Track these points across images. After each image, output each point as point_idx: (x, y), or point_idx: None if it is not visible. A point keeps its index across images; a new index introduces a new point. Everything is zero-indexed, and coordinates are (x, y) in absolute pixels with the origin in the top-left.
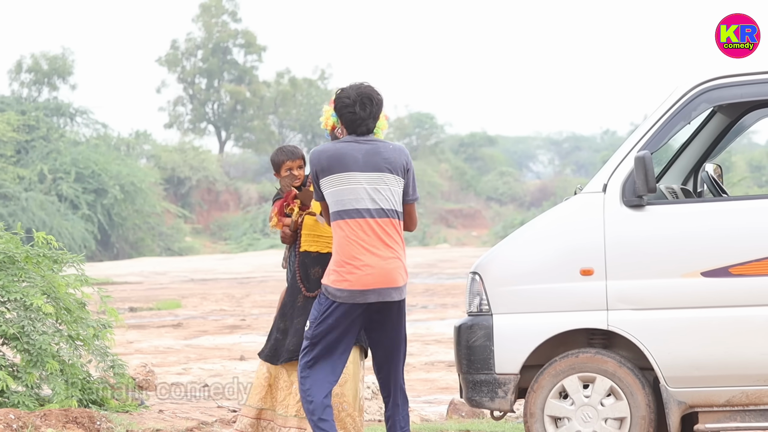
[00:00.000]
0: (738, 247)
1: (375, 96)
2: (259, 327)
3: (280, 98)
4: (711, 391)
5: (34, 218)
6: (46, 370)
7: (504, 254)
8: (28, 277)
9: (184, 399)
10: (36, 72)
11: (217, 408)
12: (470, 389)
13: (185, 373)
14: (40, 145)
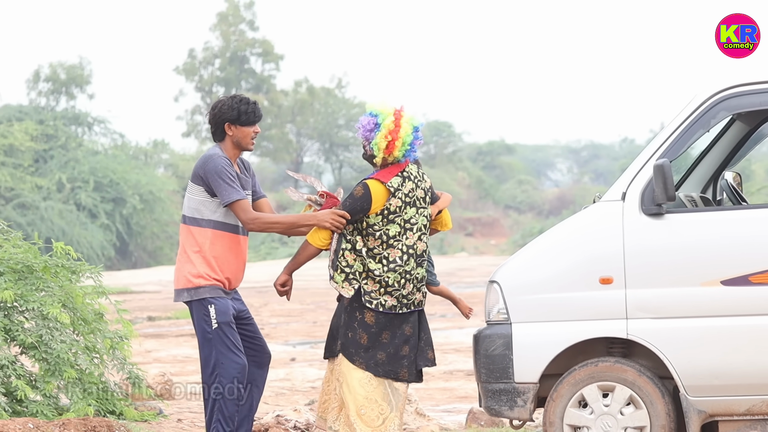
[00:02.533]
0: (758, 256)
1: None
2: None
3: (298, 107)
4: (731, 400)
5: (53, 227)
6: (63, 379)
7: (523, 263)
8: (47, 286)
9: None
10: (54, 81)
11: None
12: (489, 398)
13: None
14: (59, 154)
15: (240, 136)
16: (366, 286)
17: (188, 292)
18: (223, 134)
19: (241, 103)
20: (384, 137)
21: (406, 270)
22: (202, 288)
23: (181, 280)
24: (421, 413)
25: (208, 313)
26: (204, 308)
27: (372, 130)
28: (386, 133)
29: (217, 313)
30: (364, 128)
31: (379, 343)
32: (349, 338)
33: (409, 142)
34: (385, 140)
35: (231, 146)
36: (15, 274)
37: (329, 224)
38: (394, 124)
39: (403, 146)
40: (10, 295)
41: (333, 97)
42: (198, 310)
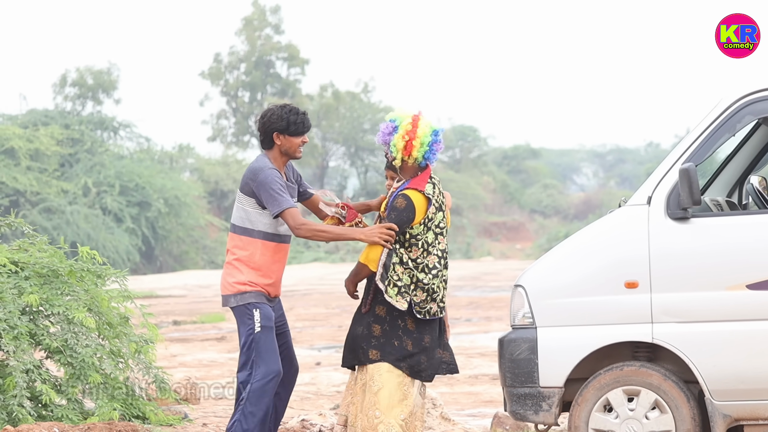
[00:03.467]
0: None
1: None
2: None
3: (323, 111)
4: (757, 405)
5: (79, 232)
6: (89, 383)
7: (548, 267)
8: (72, 291)
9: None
10: (81, 86)
11: None
12: (514, 402)
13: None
14: (84, 158)
15: (288, 145)
16: (416, 298)
17: (234, 297)
18: (271, 143)
19: (290, 114)
20: (401, 137)
21: (444, 274)
22: (248, 293)
23: (227, 287)
24: (446, 417)
25: (252, 317)
26: (249, 312)
27: (390, 133)
28: (403, 133)
29: (261, 317)
30: (383, 133)
31: (423, 348)
32: (396, 347)
33: (427, 143)
34: (402, 140)
35: (279, 155)
36: (41, 278)
37: (378, 239)
38: (411, 125)
39: (421, 147)
40: (35, 299)
41: (358, 102)
42: (242, 314)
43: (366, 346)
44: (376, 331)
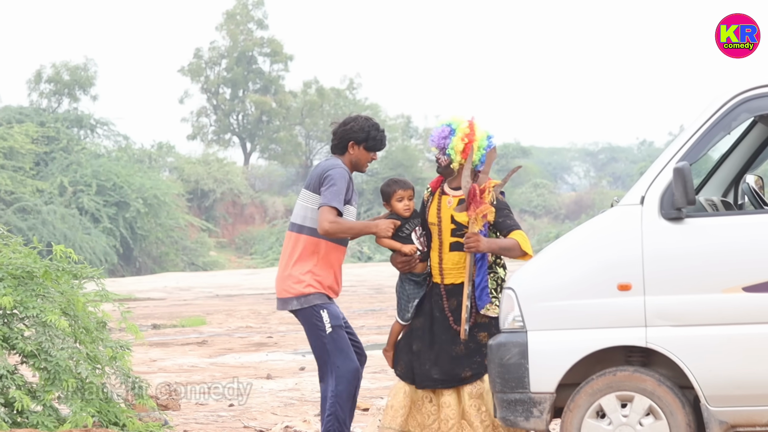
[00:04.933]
0: None
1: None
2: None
3: (307, 109)
4: (753, 411)
5: (55, 232)
6: (64, 389)
7: (539, 269)
8: (47, 292)
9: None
10: (57, 82)
11: (244, 428)
12: (504, 408)
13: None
14: (60, 157)
15: (360, 157)
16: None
17: (297, 300)
18: (344, 150)
19: (372, 128)
20: (461, 139)
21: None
22: (312, 295)
23: (288, 290)
24: None
25: (320, 319)
26: (316, 314)
27: (447, 136)
28: (462, 135)
29: (330, 317)
30: (438, 136)
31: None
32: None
33: (484, 146)
34: (462, 142)
35: (348, 163)
36: (15, 279)
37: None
38: (469, 128)
39: (479, 150)
40: (9, 302)
41: (343, 99)
42: (310, 316)
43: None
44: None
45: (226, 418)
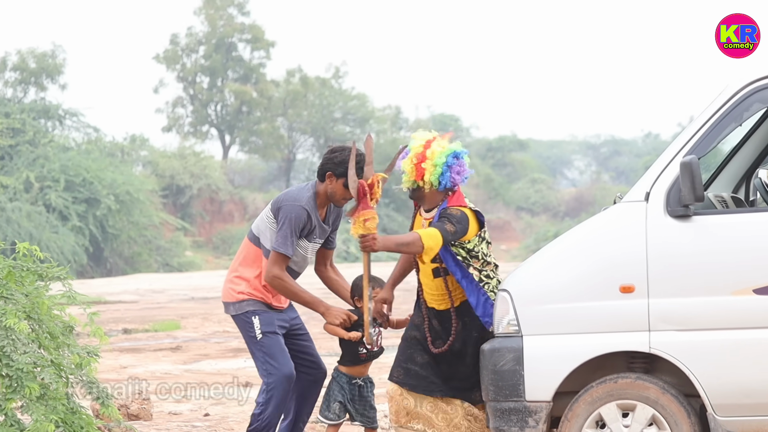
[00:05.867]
0: None
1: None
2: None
3: (290, 99)
4: (763, 420)
5: (20, 230)
6: (26, 396)
7: (536, 270)
8: (10, 294)
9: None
10: (22, 71)
11: None
12: (498, 418)
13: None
14: (26, 150)
15: (335, 191)
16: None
17: (233, 305)
18: (322, 178)
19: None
20: (410, 160)
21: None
22: (245, 302)
23: (227, 294)
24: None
25: (252, 325)
26: (248, 321)
27: (404, 157)
28: (413, 156)
29: (261, 323)
30: (400, 159)
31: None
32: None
33: (441, 164)
34: (411, 163)
35: (323, 194)
36: None
37: (337, 320)
38: (422, 147)
39: (434, 169)
40: None
41: (329, 89)
42: (242, 323)
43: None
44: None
45: (200, 428)
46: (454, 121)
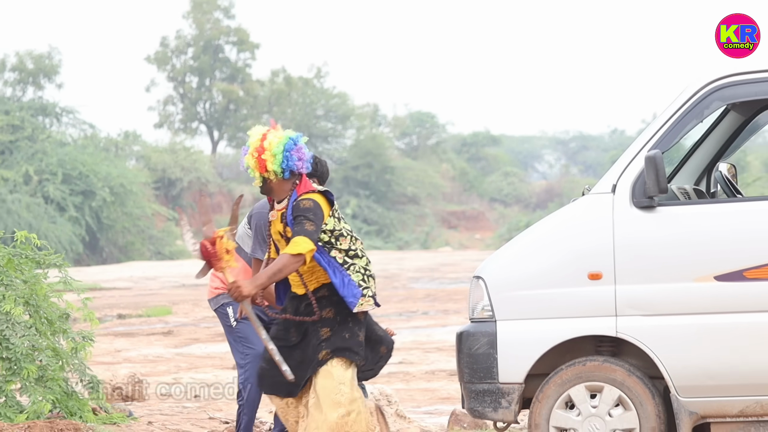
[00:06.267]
0: (753, 250)
1: None
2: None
3: (275, 97)
4: (724, 401)
5: (20, 221)
6: (24, 378)
7: (508, 258)
8: (10, 281)
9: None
10: (21, 71)
11: (209, 419)
12: (472, 399)
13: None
14: (25, 145)
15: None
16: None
17: (212, 301)
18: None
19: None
20: (251, 155)
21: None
22: (220, 296)
23: (208, 293)
24: (402, 415)
25: (227, 315)
26: (224, 312)
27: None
28: (252, 150)
29: (235, 311)
30: (241, 158)
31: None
32: (347, 339)
33: (280, 152)
34: (252, 158)
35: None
36: None
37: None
38: (260, 141)
39: (274, 158)
40: None
41: (311, 88)
42: (220, 316)
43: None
44: (325, 334)
45: (191, 409)
46: (431, 118)
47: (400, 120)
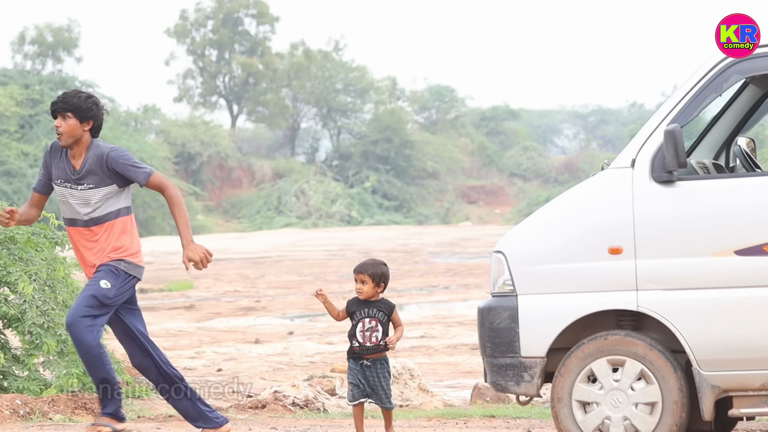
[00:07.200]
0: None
1: None
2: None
3: (294, 70)
4: (746, 375)
5: None
6: (45, 353)
7: (529, 232)
8: (29, 258)
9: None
10: (40, 44)
11: (233, 393)
12: (495, 373)
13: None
14: (45, 119)
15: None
16: None
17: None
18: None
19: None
20: None
21: None
22: None
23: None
24: (425, 389)
25: None
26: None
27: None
28: None
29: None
30: None
31: None
32: None
33: None
34: None
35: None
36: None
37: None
38: None
39: None
40: None
41: (330, 61)
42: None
43: None
44: None
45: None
46: (450, 92)
47: (419, 94)
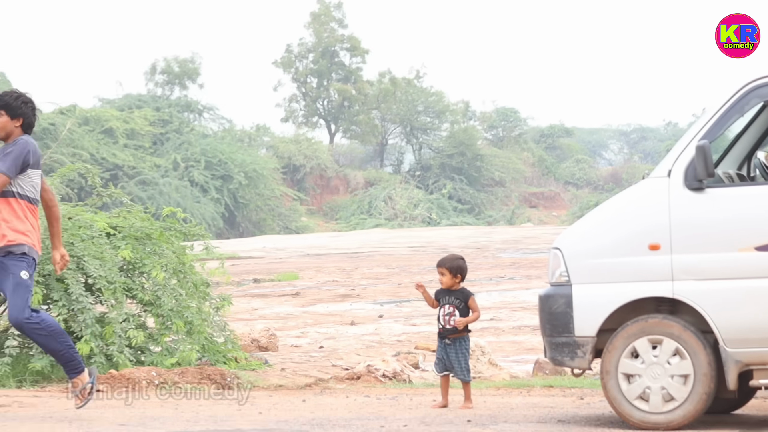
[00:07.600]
0: None
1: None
2: (367, 296)
3: (382, 95)
4: (765, 351)
5: (170, 201)
6: (175, 332)
7: (581, 231)
8: (161, 251)
9: (304, 359)
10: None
11: (332, 366)
12: (553, 350)
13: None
14: (174, 137)
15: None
16: None
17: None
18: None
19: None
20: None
21: None
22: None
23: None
24: (494, 363)
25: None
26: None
27: None
28: None
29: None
30: None
31: None
32: None
33: None
34: None
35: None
36: (136, 240)
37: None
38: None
39: None
40: (128, 254)
41: (413, 87)
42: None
43: None
44: None
45: (316, 358)
46: (514, 113)
47: (488, 115)
